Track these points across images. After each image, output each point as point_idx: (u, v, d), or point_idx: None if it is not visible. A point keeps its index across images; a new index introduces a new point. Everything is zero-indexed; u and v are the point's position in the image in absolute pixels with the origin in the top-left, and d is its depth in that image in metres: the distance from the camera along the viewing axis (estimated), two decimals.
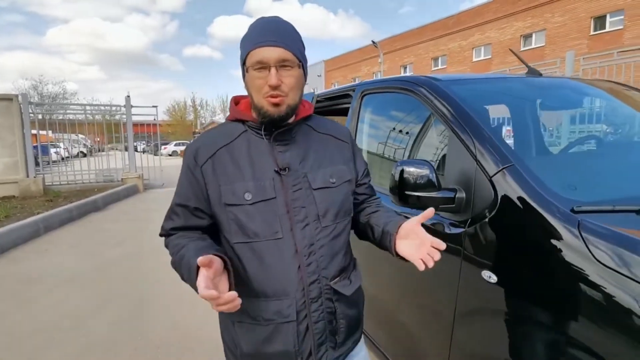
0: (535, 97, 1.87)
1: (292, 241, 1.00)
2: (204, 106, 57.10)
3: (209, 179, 1.01)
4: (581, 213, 1.09)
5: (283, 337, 1.01)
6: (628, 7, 17.51)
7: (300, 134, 1.07)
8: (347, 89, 2.49)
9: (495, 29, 23.44)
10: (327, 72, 40.48)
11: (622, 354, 0.92)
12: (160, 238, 1.15)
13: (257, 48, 0.95)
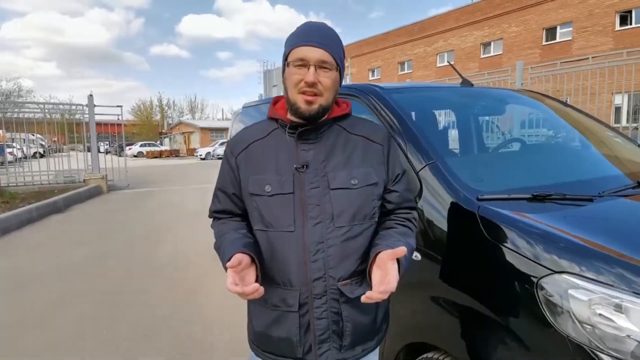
0: (464, 104, 2.16)
1: (302, 236, 1.03)
2: (172, 106, 55.86)
3: (242, 169, 1.10)
4: (484, 200, 1.35)
5: (286, 325, 1.06)
6: (576, 20, 18.87)
7: (329, 134, 1.09)
8: None
9: (457, 36, 24.50)
10: None
11: (508, 309, 1.18)
12: (124, 239, 1.29)
13: (300, 46, 1.02)
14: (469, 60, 23.81)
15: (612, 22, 17.77)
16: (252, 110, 4.08)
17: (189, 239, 5.42)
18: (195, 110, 57.80)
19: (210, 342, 2.69)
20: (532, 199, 1.39)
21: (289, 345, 1.07)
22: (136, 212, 7.45)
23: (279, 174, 1.06)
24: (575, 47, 18.54)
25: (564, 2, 19.19)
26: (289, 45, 1.06)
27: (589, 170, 1.85)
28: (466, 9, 24.17)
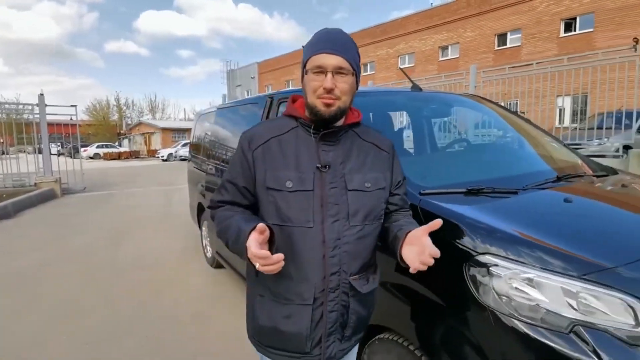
0: (412, 107, 2.34)
1: (321, 232, 1.08)
2: (130, 106, 53.66)
3: (258, 163, 1.12)
4: (426, 195, 1.52)
5: (298, 319, 1.10)
6: (524, 26, 20.06)
7: (345, 138, 1.16)
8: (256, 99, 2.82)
9: (417, 39, 25.28)
10: (261, 74, 40.36)
11: (445, 290, 1.34)
12: (83, 242, 1.31)
13: (318, 54, 1.06)
14: (428, 63, 24.67)
15: (557, 29, 19.04)
16: (209, 116, 4.12)
17: (153, 240, 5.34)
18: (155, 110, 55.90)
19: (178, 341, 2.72)
20: (467, 193, 1.58)
21: (297, 340, 1.10)
22: (95, 215, 7.21)
23: (299, 171, 1.09)
24: (524, 53, 19.71)
25: (515, 9, 20.34)
26: (308, 53, 1.10)
27: (519, 167, 2.09)
28: (426, 13, 25.02)
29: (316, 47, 1.08)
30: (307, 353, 1.12)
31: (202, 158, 4.05)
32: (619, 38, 15.85)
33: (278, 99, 2.59)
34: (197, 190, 4.34)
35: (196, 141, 4.49)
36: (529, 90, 8.32)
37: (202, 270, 4.13)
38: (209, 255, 4.23)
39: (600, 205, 1.65)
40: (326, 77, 1.04)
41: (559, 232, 1.31)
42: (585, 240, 1.29)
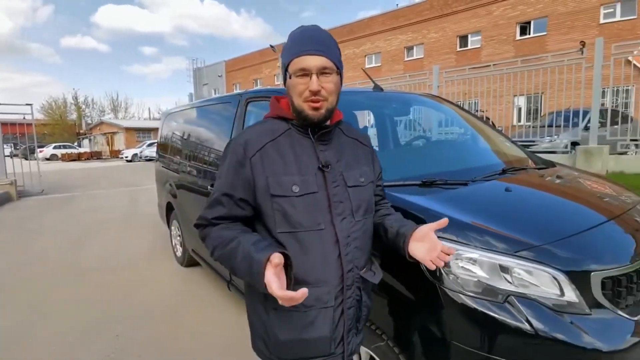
0: (374, 106, 2.49)
1: (333, 232, 1.07)
2: (90, 104, 51.40)
3: (257, 171, 1.06)
4: (385, 187, 1.65)
5: (321, 323, 1.08)
6: (484, 29, 20.97)
7: (335, 136, 1.16)
8: (228, 97, 2.88)
9: (383, 39, 25.79)
10: (228, 73, 39.79)
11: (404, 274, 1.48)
12: (44, 246, 1.24)
13: (300, 56, 1.03)
14: (394, 63, 25.23)
15: (513, 33, 20.04)
16: (178, 116, 4.12)
17: (119, 242, 5.24)
18: (118, 109, 53.84)
19: (150, 337, 2.74)
20: (421, 185, 1.73)
21: (322, 344, 1.09)
22: (56, 218, 6.95)
23: (302, 174, 1.06)
24: (484, 54, 20.60)
25: (474, 13, 21.20)
26: (288, 56, 1.06)
27: (471, 161, 2.28)
28: (391, 14, 25.57)
29: (297, 49, 1.04)
30: (331, 354, 1.11)
31: (171, 157, 4.04)
32: (570, 41, 16.90)
33: (246, 99, 2.67)
34: (165, 190, 4.32)
35: (164, 141, 4.46)
36: (489, 90, 8.78)
37: (173, 269, 4.13)
38: (179, 255, 4.23)
39: (535, 193, 1.86)
40: (311, 80, 1.02)
41: (498, 217, 1.49)
42: (519, 223, 1.47)
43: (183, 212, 3.74)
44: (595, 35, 17.15)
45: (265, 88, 2.65)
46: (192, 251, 3.67)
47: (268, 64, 34.37)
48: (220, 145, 2.89)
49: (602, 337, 1.24)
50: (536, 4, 18.98)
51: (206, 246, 1.11)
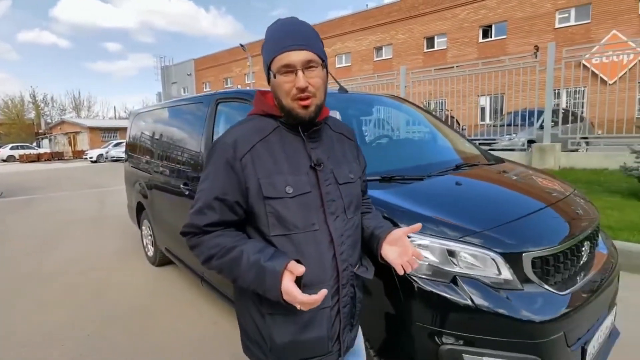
0: (340, 107, 2.64)
1: (327, 232, 1.04)
2: (49, 103, 49.06)
3: (249, 172, 1.00)
4: None
5: (319, 324, 1.05)
6: (449, 31, 21.74)
7: (323, 133, 1.12)
8: (200, 98, 2.96)
9: (353, 40, 26.19)
10: (198, 71, 39.10)
11: None
12: (3, 250, 1.21)
13: (282, 53, 0.96)
14: (364, 63, 25.67)
15: (476, 35, 20.90)
16: (147, 116, 4.12)
17: (87, 244, 5.14)
18: (80, 108, 51.69)
19: (122, 335, 2.77)
20: (381, 180, 1.89)
21: (319, 344, 1.06)
22: (18, 222, 6.70)
23: (294, 174, 1.02)
24: (450, 56, 21.35)
25: (440, 15, 21.93)
26: (270, 52, 1.00)
27: (428, 158, 2.47)
28: (360, 15, 25.99)
29: (278, 46, 0.98)
30: (329, 352, 1.09)
31: (142, 157, 4.04)
32: (528, 44, 17.83)
33: (216, 99, 2.75)
34: (135, 190, 4.31)
35: (133, 141, 4.44)
36: (455, 90, 9.18)
37: (144, 269, 4.13)
38: (150, 255, 4.23)
39: (483, 185, 2.06)
40: (297, 76, 0.96)
41: (447, 208, 1.67)
42: (465, 212, 1.65)
43: (155, 212, 3.76)
44: (551, 39, 18.17)
45: (235, 89, 2.73)
46: (165, 250, 3.70)
47: (239, 62, 34.06)
48: (192, 144, 2.95)
49: (533, 309, 1.43)
50: (496, 8, 19.87)
51: (197, 255, 1.04)
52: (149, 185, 3.79)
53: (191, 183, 2.86)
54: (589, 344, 1.56)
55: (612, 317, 1.86)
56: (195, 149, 2.89)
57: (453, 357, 1.42)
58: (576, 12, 17.83)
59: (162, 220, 3.60)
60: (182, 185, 2.94)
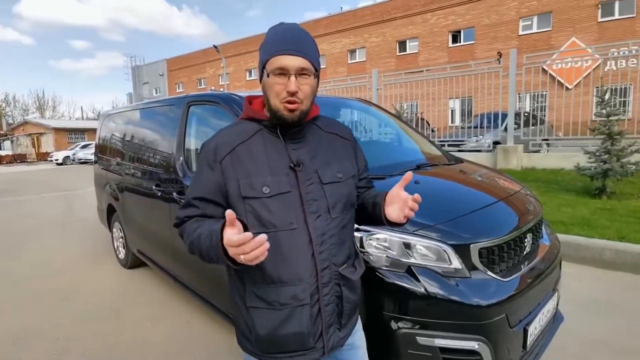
0: None
1: (306, 231, 1.06)
2: (11, 103, 46.82)
3: (228, 173, 1.06)
4: None
5: (297, 320, 1.07)
6: (420, 36, 22.33)
7: (309, 133, 1.14)
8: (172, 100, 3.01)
9: (327, 42, 26.41)
10: (170, 72, 38.35)
11: None
12: None
13: (279, 55, 1.01)
14: (338, 65, 25.95)
15: (446, 40, 21.56)
16: (119, 117, 4.11)
17: (56, 248, 5.02)
18: (45, 108, 49.62)
19: (94, 336, 2.77)
20: None
21: (300, 339, 1.09)
22: None
23: (273, 174, 1.06)
24: (421, 59, 21.92)
25: (411, 20, 22.49)
26: (267, 53, 1.04)
27: (391, 158, 2.62)
28: (334, 18, 26.28)
29: (277, 47, 1.02)
30: (311, 348, 1.11)
31: (114, 159, 4.02)
32: (494, 50, 18.55)
33: (188, 102, 2.81)
34: (106, 192, 4.27)
35: (104, 142, 4.39)
36: (426, 93, 9.50)
37: (115, 272, 4.10)
38: (121, 257, 4.20)
39: (440, 183, 2.22)
40: (289, 80, 1.01)
41: None
42: (420, 207, 1.79)
43: (127, 213, 3.75)
44: (516, 45, 18.97)
45: (207, 92, 2.80)
46: (137, 251, 3.70)
47: (212, 63, 33.65)
48: (164, 146, 2.99)
49: (479, 294, 1.59)
50: (465, 15, 20.59)
51: (184, 243, 1.11)
52: (121, 187, 3.78)
53: (163, 185, 2.90)
54: (530, 326, 1.74)
55: (554, 302, 2.05)
56: (167, 150, 2.93)
57: (408, 341, 1.56)
58: (538, 19, 18.73)
59: (135, 222, 3.61)
60: (154, 186, 2.98)
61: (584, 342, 2.49)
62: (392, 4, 23.26)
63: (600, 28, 17.20)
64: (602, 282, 3.36)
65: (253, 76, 31.56)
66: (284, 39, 1.03)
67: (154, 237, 3.21)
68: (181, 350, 2.57)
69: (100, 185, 4.52)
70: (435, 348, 1.54)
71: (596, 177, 5.50)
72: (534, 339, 1.80)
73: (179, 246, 2.83)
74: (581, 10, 17.48)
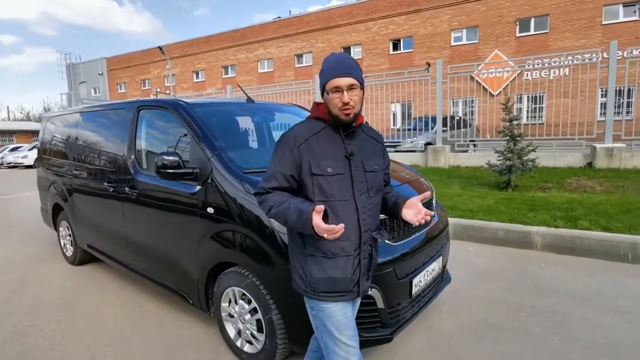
0: (245, 114, 3.19)
1: (354, 203, 1.49)
2: None
3: (303, 156, 1.47)
4: (247, 173, 2.35)
5: (343, 267, 1.50)
6: (364, 42, 23.41)
7: (358, 134, 1.57)
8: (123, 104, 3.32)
9: (275, 46, 26.72)
10: (110, 71, 36.49)
11: (253, 225, 2.18)
12: None
13: (334, 78, 1.43)
14: (286, 69, 26.34)
15: (387, 47, 22.80)
16: (68, 119, 4.25)
17: None
18: None
19: (47, 322, 2.96)
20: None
21: (344, 282, 1.50)
22: None
23: (334, 160, 1.47)
24: (365, 65, 22.96)
25: (354, 27, 23.51)
26: (325, 77, 1.46)
27: None
28: (282, 23, 26.67)
29: (332, 73, 1.43)
30: (350, 291, 1.53)
31: (62, 161, 4.15)
32: (430, 58, 19.99)
33: (138, 106, 3.13)
34: (51, 194, 4.39)
35: (49, 145, 4.49)
36: (370, 97, 10.23)
37: (63, 269, 4.21)
38: (69, 255, 4.33)
39: None
40: (343, 94, 1.42)
41: None
42: None
43: (76, 212, 3.93)
44: (449, 54, 20.62)
45: (157, 98, 3.13)
46: (87, 246, 3.88)
47: (157, 64, 32.57)
48: (115, 148, 3.25)
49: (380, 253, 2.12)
50: (404, 24, 21.96)
51: (262, 208, 1.50)
52: (70, 187, 3.95)
53: (115, 182, 3.18)
54: (414, 279, 2.30)
55: (439, 264, 2.65)
56: (118, 152, 3.21)
57: None
58: (467, 32, 20.49)
59: (86, 219, 3.80)
60: (106, 183, 3.25)
61: (474, 299, 3.16)
62: (337, 12, 24.16)
63: (518, 42, 19.25)
64: (495, 256, 4.13)
65: (200, 78, 31.00)
66: (336, 65, 1.45)
67: (106, 231, 3.47)
68: (136, 329, 2.87)
69: (44, 187, 4.61)
70: None
71: (503, 173, 6.44)
72: (419, 290, 2.37)
73: (132, 237, 3.14)
74: (502, 25, 19.43)
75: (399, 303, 2.23)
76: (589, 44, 16.05)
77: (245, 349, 2.39)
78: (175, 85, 30.82)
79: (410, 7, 21.48)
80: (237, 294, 2.37)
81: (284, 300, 2.12)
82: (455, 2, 20.24)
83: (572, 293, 3.21)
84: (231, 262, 2.38)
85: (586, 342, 2.51)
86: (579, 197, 5.59)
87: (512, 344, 2.53)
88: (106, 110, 3.61)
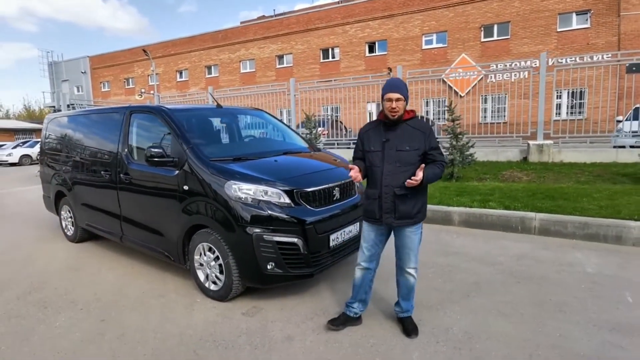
0: (216, 117, 4.11)
1: (381, 169, 2.49)
2: None
3: (363, 140, 2.63)
4: (213, 160, 3.28)
5: (373, 205, 2.56)
6: (341, 45, 24.40)
7: (399, 128, 2.50)
8: (116, 109, 4.21)
9: (256, 47, 27.47)
10: (94, 70, 36.62)
11: (220, 202, 3.12)
12: None
13: (388, 93, 2.42)
14: (267, 70, 27.13)
15: (363, 50, 23.85)
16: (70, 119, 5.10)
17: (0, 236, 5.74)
18: None
19: (56, 290, 3.77)
20: (234, 160, 3.40)
21: (373, 213, 2.58)
22: None
23: (376, 143, 2.55)
24: (342, 66, 23.99)
25: (332, 31, 24.48)
26: (383, 92, 2.45)
27: (270, 147, 4.07)
28: (263, 25, 27.44)
29: (387, 89, 2.43)
30: (378, 219, 2.57)
31: (64, 155, 4.99)
32: (403, 61, 21.13)
33: (130, 110, 4.02)
34: (52, 184, 5.22)
35: (52, 142, 5.32)
36: (347, 97, 11.19)
37: (65, 246, 5.02)
38: (69, 234, 5.16)
39: (290, 160, 3.69)
40: (392, 103, 2.42)
41: (263, 171, 3.22)
42: (271, 172, 3.22)
43: (78, 197, 4.77)
44: (420, 57, 21.79)
45: (145, 105, 4.03)
46: (86, 225, 4.74)
47: (141, 63, 32.88)
48: (110, 146, 4.13)
49: (299, 214, 3.05)
50: (378, 28, 23.04)
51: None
52: (72, 177, 4.80)
53: (111, 171, 4.07)
54: (332, 235, 3.24)
55: (356, 228, 3.60)
56: (113, 149, 4.09)
57: (259, 238, 2.97)
58: (437, 37, 21.72)
59: (85, 202, 4.66)
60: (102, 171, 4.13)
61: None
62: (315, 15, 25.10)
63: (483, 47, 20.56)
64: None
65: (184, 77, 31.50)
66: (390, 85, 2.47)
67: (104, 210, 4.34)
68: (131, 282, 3.75)
69: (46, 179, 5.44)
70: (274, 241, 2.99)
71: (447, 166, 7.49)
72: (337, 244, 3.32)
73: (126, 213, 4.03)
74: (469, 31, 20.71)
75: (318, 251, 3.18)
76: (545, 50, 17.35)
77: (211, 288, 3.32)
78: (159, 85, 31.25)
79: (385, 12, 22.60)
80: (205, 247, 3.29)
81: (236, 248, 3.06)
82: (426, 8, 21.44)
83: (468, 254, 4.21)
84: (201, 225, 3.30)
85: (459, 281, 3.52)
86: (504, 185, 6.66)
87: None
88: (102, 113, 4.48)
